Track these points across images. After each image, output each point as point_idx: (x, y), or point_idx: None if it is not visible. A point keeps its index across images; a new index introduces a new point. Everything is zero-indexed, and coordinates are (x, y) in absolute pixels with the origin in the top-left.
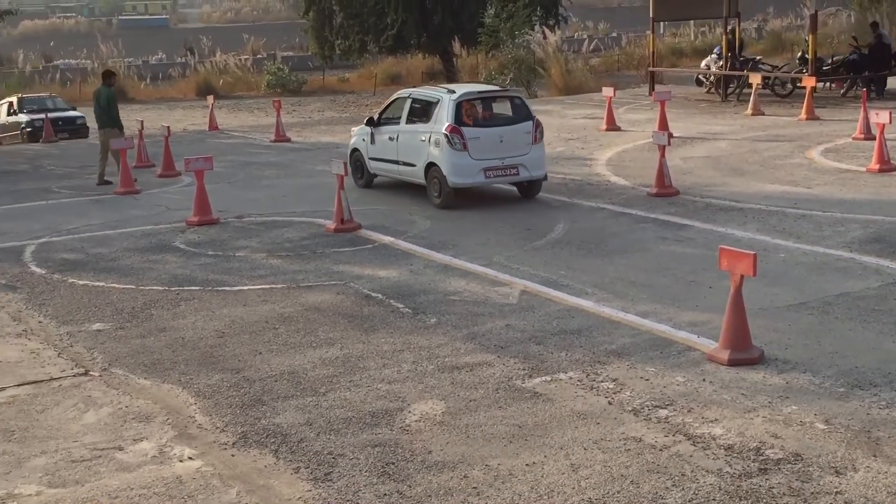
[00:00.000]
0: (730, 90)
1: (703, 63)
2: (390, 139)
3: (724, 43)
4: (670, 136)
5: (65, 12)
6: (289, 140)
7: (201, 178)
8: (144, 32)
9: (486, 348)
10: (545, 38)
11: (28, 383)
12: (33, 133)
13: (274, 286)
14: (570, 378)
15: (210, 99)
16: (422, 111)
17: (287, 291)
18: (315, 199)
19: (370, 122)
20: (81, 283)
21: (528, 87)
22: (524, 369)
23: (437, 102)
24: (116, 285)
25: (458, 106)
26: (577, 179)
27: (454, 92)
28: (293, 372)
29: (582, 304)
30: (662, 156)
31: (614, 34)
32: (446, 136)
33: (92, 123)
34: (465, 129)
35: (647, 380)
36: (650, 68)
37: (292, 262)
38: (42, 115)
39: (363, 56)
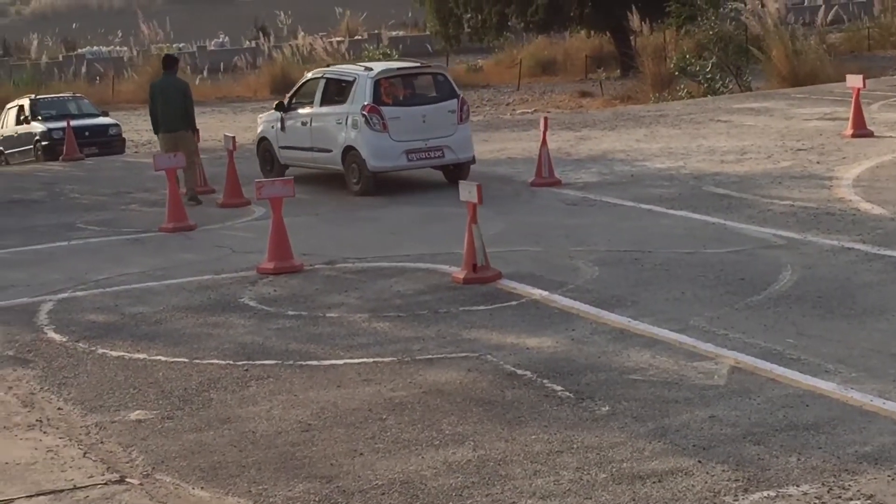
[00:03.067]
0: None
1: None
2: (303, 124)
3: None
4: None
5: None
6: None
7: (279, 208)
8: (201, 8)
9: (682, 450)
10: (762, 6)
11: (43, 493)
12: (51, 147)
13: (380, 360)
14: (805, 494)
15: None
16: (337, 91)
17: (398, 367)
18: (436, 236)
19: (279, 107)
20: (115, 354)
21: (738, 76)
22: (737, 480)
23: (354, 81)
24: (163, 358)
25: (377, 84)
26: (811, 207)
27: (372, 69)
28: (407, 481)
29: (820, 387)
30: None
31: None
32: (364, 116)
33: (138, 134)
34: (384, 109)
35: None
36: None
37: (405, 327)
38: (63, 124)
39: (503, 36)
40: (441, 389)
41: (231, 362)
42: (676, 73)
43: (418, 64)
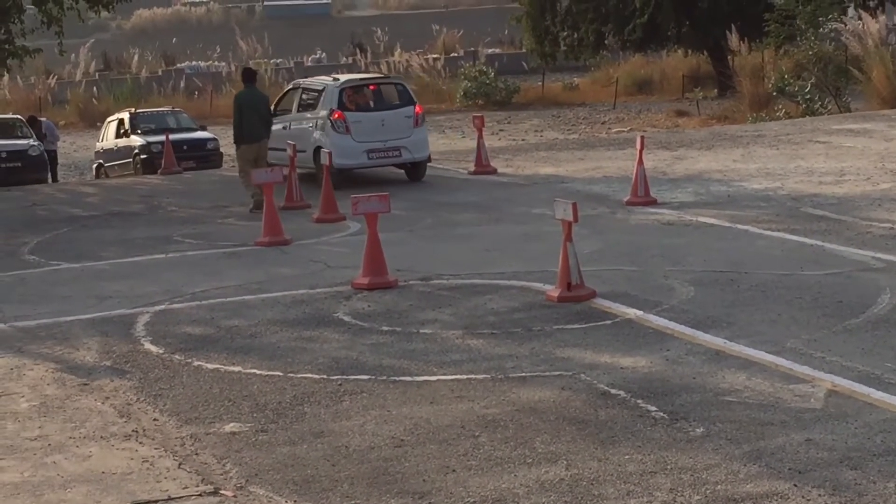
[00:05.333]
0: None
1: None
2: (284, 128)
3: None
4: None
5: None
6: (494, 171)
7: (374, 224)
8: (298, 24)
9: (778, 473)
10: (863, 26)
11: (138, 503)
12: (150, 161)
13: (473, 377)
14: None
15: None
16: (310, 100)
17: (491, 384)
18: (531, 254)
19: None
20: (211, 367)
21: (837, 97)
22: None
23: (323, 90)
24: (258, 371)
25: (342, 92)
26: None
27: (339, 80)
28: (500, 499)
29: None
30: None
31: None
32: (330, 120)
33: (229, 149)
34: (347, 114)
35: None
36: None
37: (499, 344)
38: (161, 137)
39: (599, 54)
40: (534, 408)
41: (325, 377)
42: (774, 94)
43: (379, 75)
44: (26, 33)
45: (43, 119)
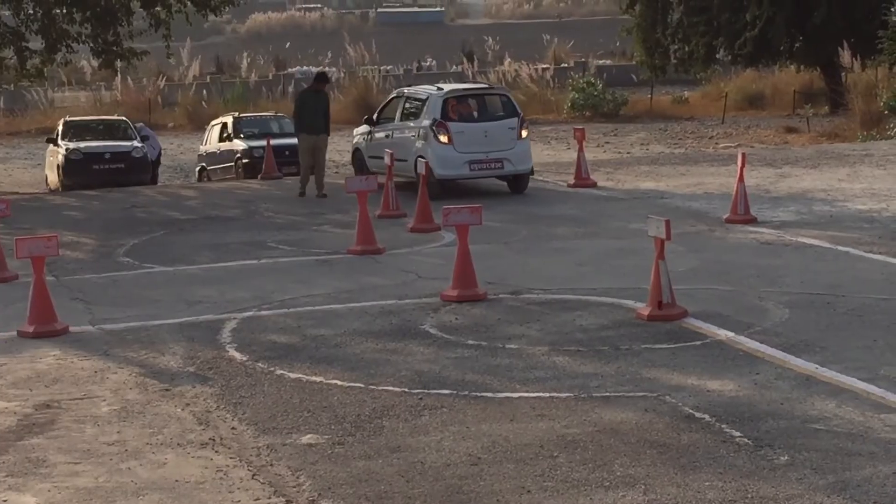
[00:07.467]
0: None
1: None
2: (386, 136)
3: None
4: None
5: (307, 3)
6: (594, 185)
7: (465, 235)
8: (410, 31)
9: None
10: None
11: None
12: (251, 165)
13: (556, 395)
14: None
15: None
16: (413, 109)
17: (574, 403)
18: (624, 270)
19: (369, 122)
20: (293, 376)
21: None
22: None
23: (427, 99)
24: (339, 382)
25: (445, 102)
26: None
27: (442, 89)
28: None
29: None
30: None
31: None
32: (432, 130)
33: (339, 154)
34: (450, 124)
35: None
36: None
37: (585, 362)
38: (263, 142)
39: (710, 67)
40: (616, 429)
41: (406, 390)
42: (886, 112)
43: (485, 85)
44: (134, 35)
45: (139, 124)
